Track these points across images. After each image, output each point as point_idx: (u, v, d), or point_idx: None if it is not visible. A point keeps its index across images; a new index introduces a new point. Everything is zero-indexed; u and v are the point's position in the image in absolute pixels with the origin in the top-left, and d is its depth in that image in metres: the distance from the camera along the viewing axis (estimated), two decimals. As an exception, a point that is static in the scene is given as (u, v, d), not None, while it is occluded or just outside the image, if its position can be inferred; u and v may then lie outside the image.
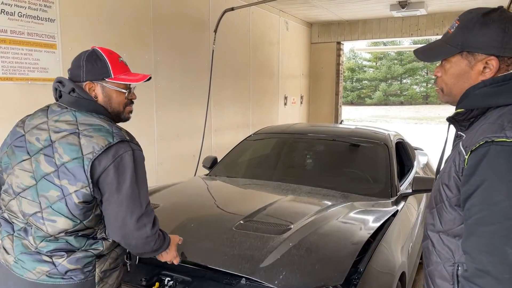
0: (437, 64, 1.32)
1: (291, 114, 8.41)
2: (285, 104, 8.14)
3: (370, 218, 2.27)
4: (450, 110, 1.23)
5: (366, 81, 41.29)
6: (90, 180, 1.37)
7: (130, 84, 1.58)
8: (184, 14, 5.11)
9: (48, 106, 1.55)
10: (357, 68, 42.01)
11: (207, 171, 3.61)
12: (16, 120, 3.46)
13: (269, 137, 3.80)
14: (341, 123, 8.63)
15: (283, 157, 3.62)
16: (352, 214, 2.29)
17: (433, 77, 1.36)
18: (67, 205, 1.38)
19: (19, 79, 3.23)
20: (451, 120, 1.28)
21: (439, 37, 1.32)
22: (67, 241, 1.41)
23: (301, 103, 8.92)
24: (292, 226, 1.99)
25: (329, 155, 3.53)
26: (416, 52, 1.32)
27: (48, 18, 3.41)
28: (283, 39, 7.87)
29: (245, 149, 3.75)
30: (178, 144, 5.13)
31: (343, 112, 9.57)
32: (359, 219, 2.26)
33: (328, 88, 9.19)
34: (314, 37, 9.11)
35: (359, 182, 3.11)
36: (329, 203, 2.42)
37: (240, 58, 6.47)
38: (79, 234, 1.43)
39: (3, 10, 3.09)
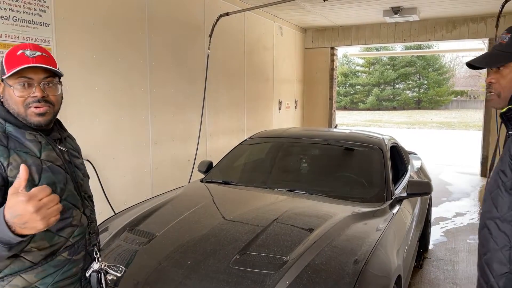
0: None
1: (285, 119, 8.44)
2: (280, 108, 8.17)
3: (364, 238, 2.24)
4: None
5: (359, 86, 41.57)
6: None
7: (30, 78, 1.32)
8: (179, 19, 5.12)
9: None
10: (350, 73, 42.28)
11: (202, 175, 3.61)
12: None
13: (264, 141, 3.81)
14: (335, 127, 8.68)
15: (278, 161, 3.63)
16: (348, 232, 2.26)
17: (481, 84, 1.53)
18: None
19: (13, 83, 3.22)
20: (503, 117, 1.39)
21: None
22: None
23: (295, 107, 8.95)
24: (288, 258, 1.97)
25: (324, 159, 3.55)
26: (473, 61, 1.47)
27: (43, 23, 3.40)
28: (278, 44, 7.91)
29: (240, 153, 3.76)
30: (173, 148, 5.12)
31: (336, 117, 9.62)
32: (355, 238, 2.23)
33: (322, 93, 9.24)
34: (308, 42, 9.17)
35: (354, 187, 3.13)
36: (324, 221, 2.38)
37: (235, 63, 6.49)
38: None
39: (-3, 14, 3.08)
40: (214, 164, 3.68)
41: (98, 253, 1.48)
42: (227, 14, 5.28)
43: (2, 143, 1.27)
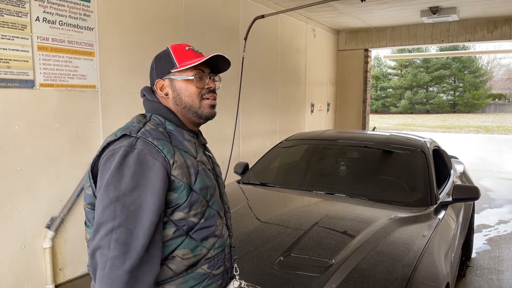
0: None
1: (317, 122, 8.36)
2: (312, 111, 8.09)
3: (410, 244, 2.17)
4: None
5: (390, 89, 40.70)
6: (92, 180, 1.23)
7: (202, 71, 1.35)
8: (215, 22, 5.17)
9: None
10: (381, 76, 41.49)
11: (236, 177, 3.60)
12: (55, 125, 3.56)
13: (301, 143, 3.77)
14: (373, 130, 8.50)
15: (316, 163, 3.58)
16: (393, 237, 2.19)
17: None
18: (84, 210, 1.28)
19: (59, 85, 3.33)
20: None
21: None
22: None
23: (327, 110, 8.85)
24: (333, 261, 1.93)
25: (364, 162, 3.47)
26: None
27: (87, 27, 3.51)
28: (310, 47, 7.85)
29: (276, 155, 3.73)
30: (208, 150, 5.15)
31: (369, 121, 9.43)
32: (401, 244, 2.16)
33: (355, 96, 9.09)
34: (341, 44, 9.05)
35: (396, 190, 3.04)
36: (367, 225, 2.32)
37: (268, 65, 6.48)
38: None
39: (45, 19, 3.20)
40: (250, 166, 3.67)
41: (238, 270, 1.39)
42: (263, 16, 5.28)
43: (167, 140, 1.22)
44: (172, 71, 1.32)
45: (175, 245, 1.18)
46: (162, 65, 1.34)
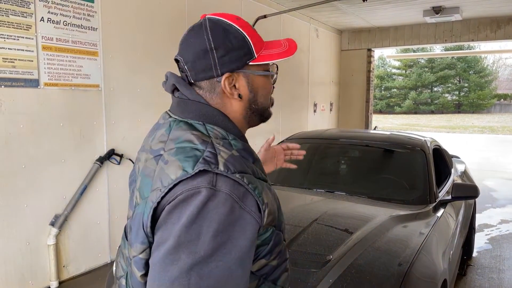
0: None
1: (320, 121, 8.38)
2: (315, 111, 8.11)
3: (408, 240, 2.19)
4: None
5: (395, 90, 40.61)
6: (150, 239, 0.83)
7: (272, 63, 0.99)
8: (217, 22, 5.20)
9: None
10: (386, 76, 41.39)
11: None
12: (59, 124, 3.61)
13: (302, 142, 3.79)
14: (374, 129, 8.52)
15: (317, 162, 3.61)
16: (391, 234, 2.21)
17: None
18: (131, 278, 0.90)
19: (63, 84, 3.38)
20: None
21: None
22: None
23: (330, 110, 8.87)
24: (331, 257, 1.95)
25: (365, 161, 3.49)
26: None
27: (91, 27, 3.56)
28: (313, 46, 7.88)
29: (278, 154, 3.76)
30: (210, 149, 5.19)
31: (372, 120, 9.44)
32: (399, 240, 2.18)
33: (358, 95, 9.10)
34: (344, 44, 9.07)
35: (396, 189, 3.06)
36: (366, 222, 2.33)
37: (271, 65, 6.51)
38: None
39: (49, 19, 3.25)
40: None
41: None
42: (265, 16, 5.32)
43: (250, 170, 0.84)
44: (250, 63, 0.93)
45: None
46: (234, 51, 0.92)
